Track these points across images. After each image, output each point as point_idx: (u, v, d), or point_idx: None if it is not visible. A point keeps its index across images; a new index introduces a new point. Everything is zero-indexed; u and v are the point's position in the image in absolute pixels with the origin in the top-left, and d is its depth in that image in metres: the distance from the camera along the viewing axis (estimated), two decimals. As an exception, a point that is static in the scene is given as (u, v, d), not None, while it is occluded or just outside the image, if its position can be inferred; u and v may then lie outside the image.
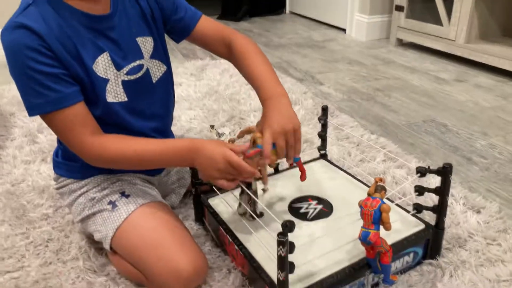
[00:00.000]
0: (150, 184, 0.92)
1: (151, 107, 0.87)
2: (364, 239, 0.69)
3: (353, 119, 1.51)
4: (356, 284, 0.76)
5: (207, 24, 0.91)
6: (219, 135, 1.34)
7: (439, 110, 1.61)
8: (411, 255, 0.82)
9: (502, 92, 1.77)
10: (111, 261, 0.86)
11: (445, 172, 0.76)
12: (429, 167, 0.78)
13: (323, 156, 1.10)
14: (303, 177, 0.88)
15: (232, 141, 1.03)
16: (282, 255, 0.62)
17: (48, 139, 1.36)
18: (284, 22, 3.27)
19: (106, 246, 0.82)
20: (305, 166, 1.07)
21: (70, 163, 0.87)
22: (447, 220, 0.94)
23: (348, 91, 1.83)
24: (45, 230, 0.97)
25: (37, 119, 1.44)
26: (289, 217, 0.88)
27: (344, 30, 2.80)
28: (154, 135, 0.87)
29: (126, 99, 0.81)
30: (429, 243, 0.83)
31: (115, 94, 0.80)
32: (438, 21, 2.17)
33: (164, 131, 0.94)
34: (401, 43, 2.49)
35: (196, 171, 0.92)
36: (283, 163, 1.20)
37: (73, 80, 0.74)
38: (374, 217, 0.68)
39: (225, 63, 1.99)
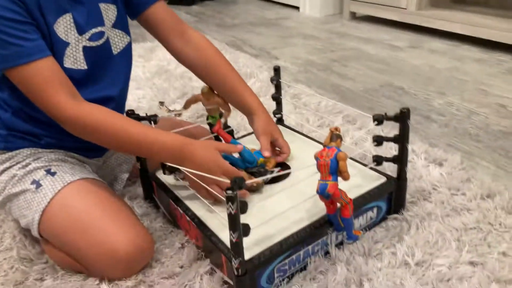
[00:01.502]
0: (82, 163, 0.83)
1: (109, 79, 0.80)
2: (322, 191, 0.64)
3: (310, 89, 1.46)
4: (319, 244, 0.70)
5: (164, 9, 0.85)
6: (170, 111, 1.26)
7: (395, 75, 1.59)
8: (375, 210, 0.77)
9: (456, 54, 1.77)
10: (45, 251, 0.76)
11: (403, 117, 0.72)
12: (386, 113, 0.74)
13: (280, 121, 1.04)
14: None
15: (179, 114, 0.96)
16: (233, 212, 0.55)
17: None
18: (237, 4, 3.20)
19: (35, 233, 0.73)
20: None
21: None
22: (410, 175, 0.90)
23: (304, 63, 1.78)
24: (-27, 222, 0.86)
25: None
26: (245, 182, 0.81)
27: (297, 8, 2.76)
28: None
29: (85, 67, 0.75)
30: (393, 196, 0.79)
31: (74, 60, 0.73)
32: (389, -9, 2.16)
33: (119, 109, 0.86)
34: (354, 17, 2.47)
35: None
36: (238, 129, 1.14)
37: None
38: (331, 166, 0.63)
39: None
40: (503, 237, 0.73)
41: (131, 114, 0.80)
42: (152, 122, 0.82)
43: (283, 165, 0.86)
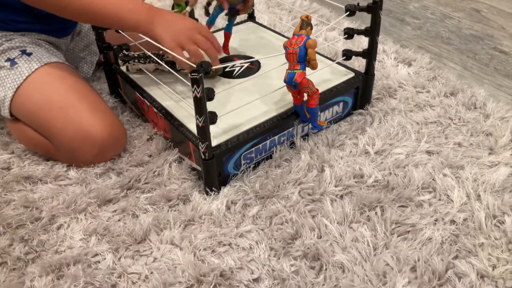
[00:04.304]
0: (56, 49, 0.80)
1: None
2: (289, 80, 0.64)
3: (285, -12, 1.40)
4: (285, 135, 0.72)
5: None
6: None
7: (373, -23, 1.53)
8: (341, 104, 0.78)
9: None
10: (12, 131, 0.76)
11: (375, 7, 0.70)
12: (358, 3, 0.72)
13: (251, 18, 1.01)
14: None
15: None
16: (198, 95, 0.55)
17: None
18: None
19: (5, 111, 0.72)
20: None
21: None
22: (378, 73, 0.91)
23: (280, -38, 1.68)
24: None
25: None
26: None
27: None
28: None
29: None
30: (359, 91, 0.80)
31: None
32: None
33: None
34: None
35: (101, 33, 0.79)
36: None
37: None
38: (300, 54, 0.62)
39: None
40: (460, 130, 0.76)
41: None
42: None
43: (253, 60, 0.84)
